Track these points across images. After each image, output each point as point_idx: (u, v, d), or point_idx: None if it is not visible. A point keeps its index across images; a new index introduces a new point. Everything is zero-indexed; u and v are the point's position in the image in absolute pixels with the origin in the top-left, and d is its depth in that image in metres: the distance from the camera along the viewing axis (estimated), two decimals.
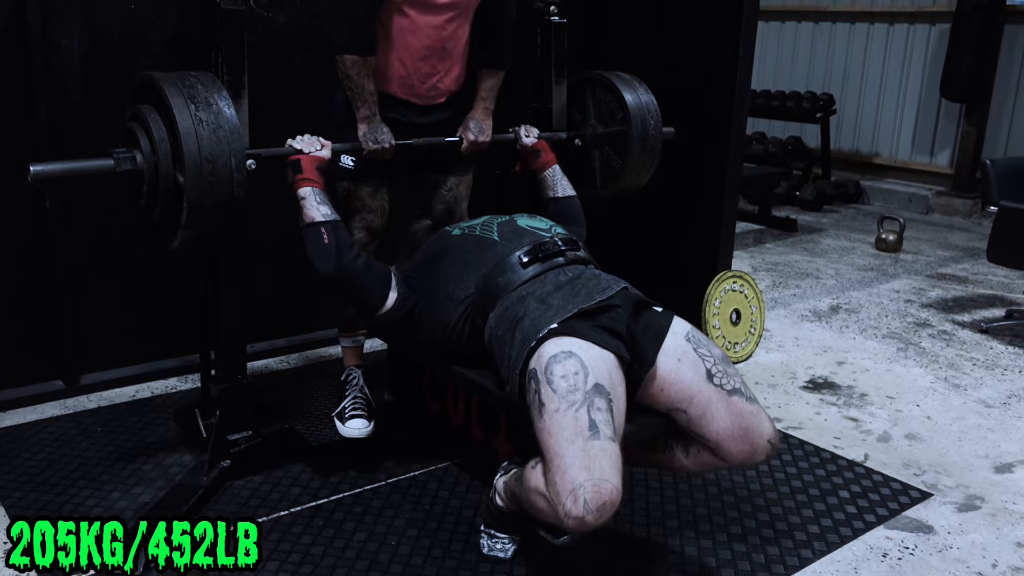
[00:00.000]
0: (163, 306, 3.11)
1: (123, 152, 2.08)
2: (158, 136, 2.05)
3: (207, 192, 2.03)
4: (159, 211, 2.11)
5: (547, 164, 2.74)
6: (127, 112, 2.16)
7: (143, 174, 2.08)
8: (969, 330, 4.08)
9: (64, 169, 2.06)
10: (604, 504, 1.76)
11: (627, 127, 2.83)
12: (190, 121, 2.01)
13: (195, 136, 2.01)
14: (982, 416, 3.14)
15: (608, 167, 2.95)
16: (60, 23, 2.77)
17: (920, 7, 6.96)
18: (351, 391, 2.56)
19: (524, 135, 2.73)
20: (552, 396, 1.88)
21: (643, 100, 2.86)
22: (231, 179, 2.06)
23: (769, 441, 2.03)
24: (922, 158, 7.13)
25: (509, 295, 2.15)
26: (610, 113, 2.90)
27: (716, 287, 3.43)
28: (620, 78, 2.89)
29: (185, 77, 2.08)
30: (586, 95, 2.97)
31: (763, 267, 5.07)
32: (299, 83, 3.17)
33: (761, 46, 7.78)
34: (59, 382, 3.00)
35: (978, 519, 2.46)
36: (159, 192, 2.08)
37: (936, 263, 5.33)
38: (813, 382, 3.40)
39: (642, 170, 2.93)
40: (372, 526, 2.30)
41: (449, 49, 2.48)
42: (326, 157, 2.34)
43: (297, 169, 2.28)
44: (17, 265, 2.85)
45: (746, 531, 2.35)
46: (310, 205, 2.25)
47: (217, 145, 2.03)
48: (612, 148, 2.92)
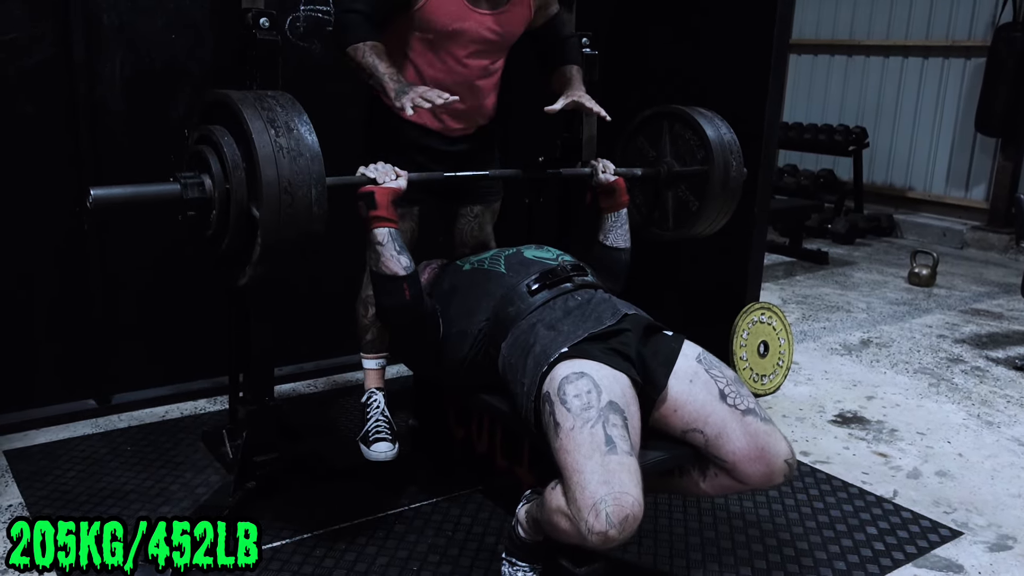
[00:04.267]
0: (194, 328, 3.16)
1: (190, 177, 1.90)
2: (232, 162, 1.86)
3: (284, 226, 1.83)
4: (228, 243, 1.91)
5: (618, 207, 2.59)
6: (193, 132, 1.99)
7: (212, 202, 1.89)
8: (1003, 367, 4.01)
9: (126, 194, 1.89)
10: (627, 517, 1.75)
11: (708, 167, 2.66)
12: (270, 147, 1.80)
13: (274, 164, 1.81)
14: (1015, 454, 3.08)
15: (683, 208, 2.78)
16: (103, 52, 2.85)
17: (955, 42, 6.93)
18: (373, 414, 2.58)
19: (601, 171, 2.58)
20: (567, 415, 1.89)
21: (726, 139, 2.70)
22: (310, 213, 1.86)
23: (786, 461, 2.01)
24: (957, 192, 7.06)
25: (519, 323, 2.15)
26: (689, 151, 2.74)
27: (744, 319, 3.41)
28: (702, 114, 2.73)
29: (263, 98, 1.90)
30: (662, 130, 2.80)
31: (793, 299, 5.03)
32: (334, 112, 3.23)
33: (794, 79, 7.82)
34: (91, 401, 3.05)
35: (1010, 559, 2.41)
36: (230, 223, 1.88)
37: (970, 298, 5.25)
38: (842, 416, 3.36)
39: (720, 214, 2.77)
40: (394, 551, 2.31)
41: (481, 86, 2.50)
42: (402, 188, 2.20)
43: (371, 204, 2.13)
44: (53, 285, 2.92)
45: (771, 566, 2.32)
46: (390, 255, 2.14)
47: (297, 175, 1.83)
48: (689, 188, 2.76)
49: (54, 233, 2.89)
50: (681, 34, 3.64)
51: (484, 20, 2.38)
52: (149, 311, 3.11)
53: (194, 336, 3.18)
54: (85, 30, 2.79)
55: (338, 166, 2.37)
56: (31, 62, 2.75)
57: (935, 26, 7.07)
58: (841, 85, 7.71)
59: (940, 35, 7.03)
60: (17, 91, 2.74)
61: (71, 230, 2.89)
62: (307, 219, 1.87)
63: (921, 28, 7.15)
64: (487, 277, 2.32)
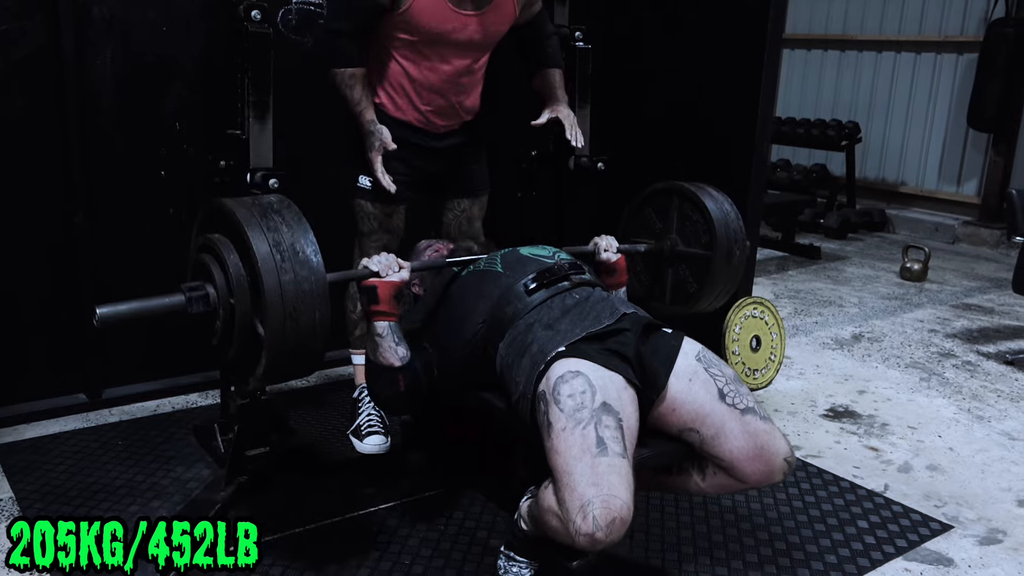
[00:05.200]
0: (185, 322, 3.14)
1: (195, 289, 1.89)
2: (236, 279, 1.85)
3: (288, 344, 1.85)
4: (234, 353, 1.95)
5: (618, 285, 2.55)
6: (197, 239, 1.99)
7: (217, 314, 1.90)
8: (994, 361, 4.03)
9: (132, 310, 1.88)
10: (614, 520, 1.75)
11: (711, 254, 2.67)
12: (276, 276, 1.80)
13: (279, 290, 1.80)
14: (1006, 448, 3.10)
15: (682, 287, 2.80)
16: (94, 45, 2.83)
17: (947, 37, 6.94)
18: (364, 408, 2.58)
19: (604, 248, 2.53)
20: (559, 415, 1.88)
21: (732, 226, 2.70)
22: (314, 333, 1.87)
23: (785, 460, 2.01)
24: (949, 187, 7.08)
25: (517, 323, 2.14)
26: (694, 232, 2.74)
27: (736, 313, 3.42)
28: (711, 196, 2.71)
29: (268, 213, 1.87)
30: (671, 206, 2.80)
31: (785, 294, 5.04)
32: (325, 106, 3.21)
33: (787, 74, 7.83)
34: (82, 395, 3.04)
35: (1000, 553, 2.42)
36: (234, 338, 1.91)
37: (962, 293, 5.27)
38: (833, 411, 3.37)
39: (718, 297, 2.79)
40: (386, 545, 2.30)
41: (466, 83, 2.51)
42: (404, 280, 2.18)
43: (373, 299, 2.12)
44: (43, 279, 2.90)
45: (762, 559, 2.33)
46: (388, 346, 2.13)
47: (302, 301, 1.83)
48: (689, 269, 2.77)
49: (44, 227, 2.87)
50: (674, 28, 3.63)
51: (468, 21, 2.38)
52: None
53: (186, 330, 3.16)
54: (75, 22, 2.77)
55: (330, 161, 2.37)
56: (20, 55, 2.73)
57: (928, 21, 7.08)
58: (834, 80, 7.71)
59: (933, 30, 7.05)
60: (6, 84, 2.73)
61: (61, 224, 2.88)
62: (311, 339, 1.87)
63: (914, 23, 7.16)
64: (483, 278, 2.28)
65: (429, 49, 2.39)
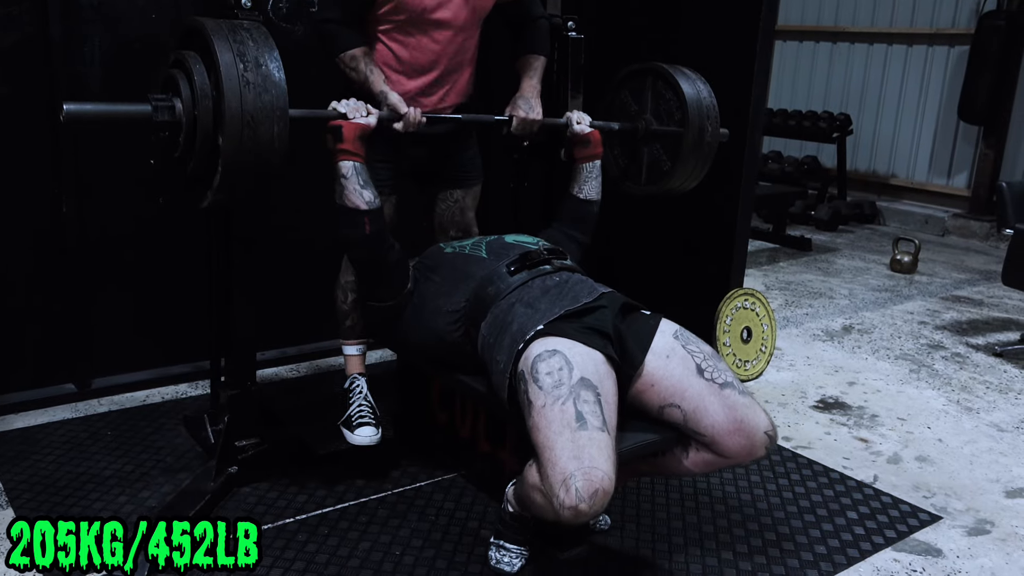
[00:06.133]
0: (175, 312, 3.13)
1: (162, 99, 1.95)
2: (201, 90, 1.92)
3: (245, 156, 1.91)
4: (193, 167, 1.99)
5: (592, 158, 2.61)
6: (170, 56, 2.04)
7: (181, 126, 1.95)
8: (983, 353, 4.04)
9: (98, 111, 1.97)
10: (596, 492, 1.77)
11: (683, 130, 2.68)
12: (236, 81, 1.87)
13: (239, 98, 1.87)
14: (994, 440, 3.11)
15: (656, 166, 2.81)
16: (81, 32, 2.81)
17: (939, 29, 6.95)
18: (355, 399, 2.57)
19: (576, 121, 2.60)
20: (539, 393, 1.91)
21: (705, 103, 2.70)
22: (272, 146, 1.93)
23: (766, 433, 2.03)
24: (939, 180, 7.09)
25: (499, 303, 2.17)
26: (668, 112, 2.74)
27: (727, 304, 3.42)
28: (684, 75, 2.72)
29: (237, 30, 1.95)
30: (646, 86, 2.81)
31: (776, 286, 5.05)
32: (318, 94, 3.19)
33: (778, 66, 7.82)
34: (71, 386, 3.02)
35: (988, 543, 2.44)
36: (196, 148, 1.95)
37: (951, 285, 5.29)
38: (824, 402, 3.38)
39: (691, 176, 2.80)
40: (377, 536, 2.30)
41: (456, 63, 2.50)
42: (371, 125, 2.23)
43: (338, 137, 2.17)
44: (32, 269, 2.88)
45: (752, 550, 2.33)
46: (353, 188, 2.18)
47: (261, 111, 1.90)
48: (663, 148, 2.78)
49: (32, 215, 2.85)
50: (667, 19, 3.62)
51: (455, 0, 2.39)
52: (130, 294, 3.08)
53: (176, 320, 3.16)
54: (63, 9, 2.75)
55: (321, 150, 2.35)
56: (8, 41, 2.71)
57: (919, 14, 7.08)
58: (826, 72, 7.71)
59: (924, 23, 7.05)
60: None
61: (49, 211, 2.85)
62: (268, 152, 1.94)
63: (906, 16, 7.16)
64: (468, 261, 2.33)
65: (415, 28, 2.41)
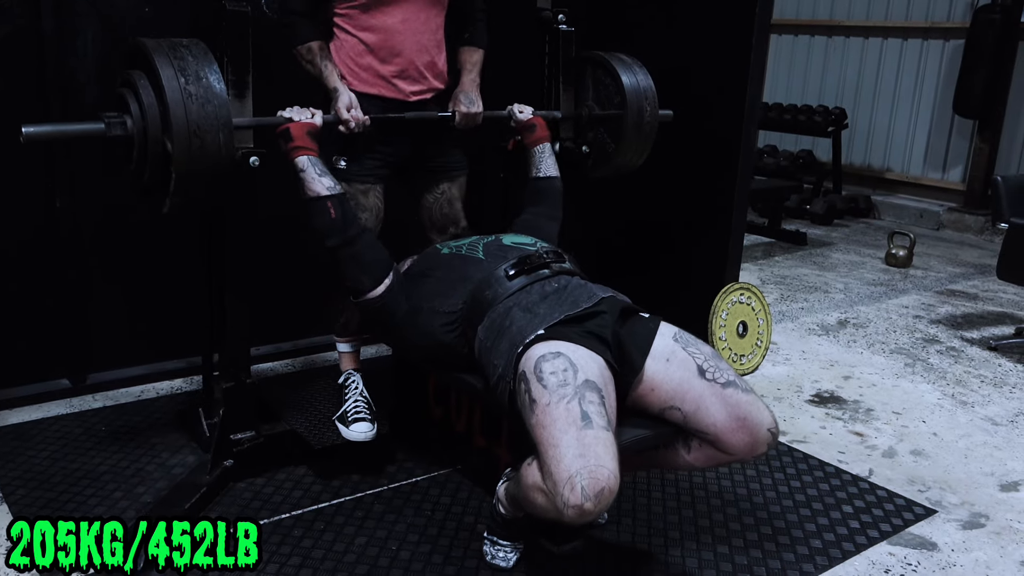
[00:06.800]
0: (170, 307, 3.12)
1: (114, 117, 2.10)
2: (147, 104, 2.07)
3: (195, 163, 2.06)
4: (148, 176, 2.13)
5: (540, 140, 2.75)
6: (119, 77, 2.18)
7: (133, 139, 2.10)
8: (978, 347, 4.05)
9: (54, 131, 2.12)
10: (602, 490, 1.76)
11: (623, 112, 2.82)
12: (179, 94, 2.02)
13: (183, 108, 2.02)
14: (989, 434, 3.12)
15: (601, 149, 2.94)
16: (74, 25, 2.79)
17: (934, 23, 6.94)
18: (351, 395, 2.57)
19: (518, 111, 2.75)
20: (543, 392, 1.90)
21: (641, 86, 2.85)
22: (219, 153, 2.08)
23: (769, 430, 2.02)
24: (934, 174, 7.10)
25: (496, 307, 2.16)
26: (608, 97, 2.89)
27: (723, 299, 3.42)
28: (621, 61, 2.88)
29: (176, 47, 2.09)
30: (586, 75, 2.96)
31: (772, 280, 5.05)
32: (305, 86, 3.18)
33: (774, 59, 7.82)
34: (65, 381, 3.01)
35: (982, 537, 2.44)
36: (148, 158, 2.10)
37: (946, 279, 5.30)
38: (819, 396, 3.39)
39: (634, 154, 2.93)
40: (373, 531, 2.30)
41: (423, 43, 2.51)
42: (317, 125, 2.34)
43: (288, 138, 2.28)
44: (26, 264, 2.87)
45: (748, 544, 2.34)
46: (311, 177, 2.27)
47: (205, 120, 2.05)
48: (607, 131, 2.91)
49: (26, 210, 2.83)
50: (662, 13, 3.62)
51: None
52: (124, 289, 3.07)
53: (170, 315, 3.14)
54: (55, 3, 2.72)
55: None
56: (0, 35, 2.69)
57: (915, 7, 7.08)
58: (821, 66, 7.71)
59: (920, 16, 7.05)
60: None
61: (43, 207, 2.84)
62: (215, 158, 2.08)
63: (901, 9, 7.16)
64: (465, 262, 2.31)
65: (376, 10, 2.42)
